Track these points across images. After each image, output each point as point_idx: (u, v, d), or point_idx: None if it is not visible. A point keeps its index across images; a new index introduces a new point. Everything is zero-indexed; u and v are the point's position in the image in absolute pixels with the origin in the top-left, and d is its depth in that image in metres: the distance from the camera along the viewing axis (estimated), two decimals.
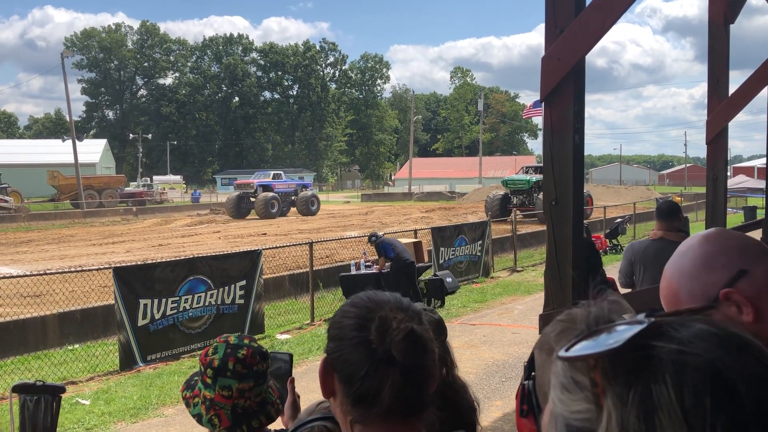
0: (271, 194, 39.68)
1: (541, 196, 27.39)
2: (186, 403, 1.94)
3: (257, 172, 47.16)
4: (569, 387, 0.62)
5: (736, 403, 0.55)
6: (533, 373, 0.98)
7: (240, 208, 39.69)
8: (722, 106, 6.11)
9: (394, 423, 1.13)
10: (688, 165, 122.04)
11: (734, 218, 25.83)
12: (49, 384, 1.72)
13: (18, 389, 1.69)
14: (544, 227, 3.63)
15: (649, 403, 0.56)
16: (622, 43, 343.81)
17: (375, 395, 1.10)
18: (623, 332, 0.60)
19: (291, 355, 2.20)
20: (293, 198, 41.82)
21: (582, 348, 0.61)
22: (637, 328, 0.59)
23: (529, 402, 1.00)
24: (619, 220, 22.05)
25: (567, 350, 0.62)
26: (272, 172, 45.22)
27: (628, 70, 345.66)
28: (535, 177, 32.28)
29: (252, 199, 39.80)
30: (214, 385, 1.84)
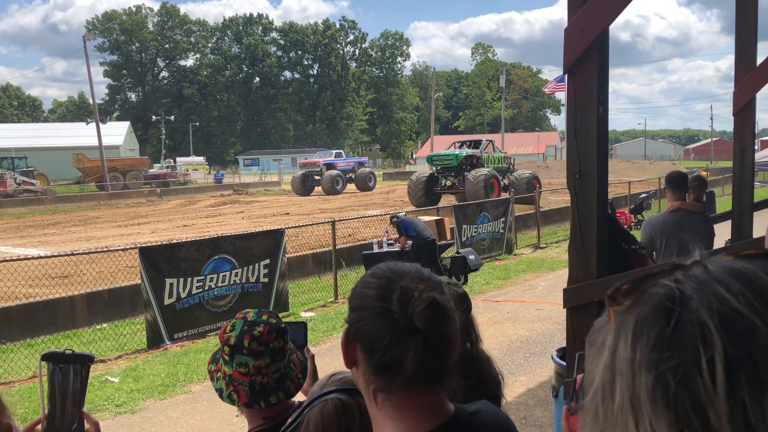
0: (335, 172, 41.89)
1: (473, 173, 24.98)
2: (210, 377, 1.97)
3: (318, 152, 50.80)
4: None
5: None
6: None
7: (305, 186, 42.06)
8: (750, 76, 5.98)
9: (416, 391, 1.13)
10: (714, 139, 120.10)
11: (762, 192, 25.41)
12: (78, 353, 1.74)
13: (47, 357, 1.71)
14: (568, 203, 3.60)
15: (617, 336, 0.59)
16: (646, 16, 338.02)
17: (398, 364, 1.11)
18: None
19: (305, 324, 2.21)
20: (351, 175, 43.94)
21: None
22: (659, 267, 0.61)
23: (577, 399, 0.99)
24: (643, 195, 21.79)
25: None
26: (333, 152, 48.12)
27: (652, 44, 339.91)
28: (467, 151, 27.91)
29: (317, 177, 42.22)
30: (232, 361, 1.85)
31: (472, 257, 13.34)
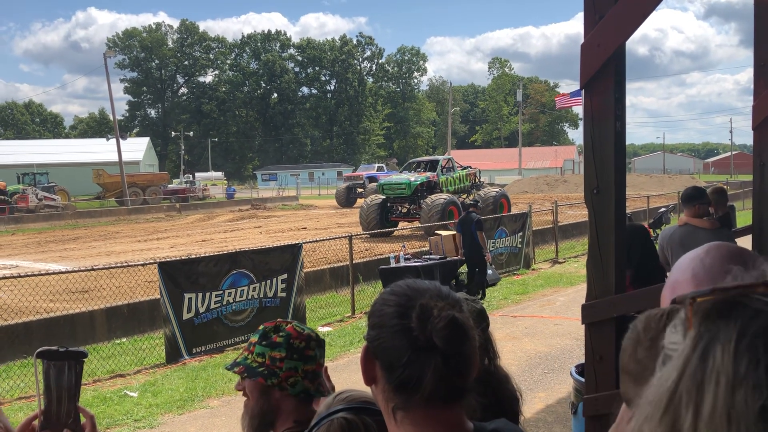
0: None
1: (430, 200, 21.95)
2: (239, 360, 1.99)
3: (362, 166, 54.88)
4: (676, 325, 0.68)
5: None
6: None
7: (348, 198, 43.89)
8: None
9: (435, 409, 1.14)
10: (734, 152, 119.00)
11: None
12: (72, 349, 1.77)
13: (42, 355, 1.74)
14: (586, 218, 3.59)
15: (710, 342, 0.60)
16: (664, 30, 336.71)
17: (417, 382, 1.11)
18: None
19: None
20: None
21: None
22: (745, 279, 0.64)
23: None
24: (662, 209, 21.63)
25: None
26: (375, 165, 51.38)
27: (670, 57, 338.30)
28: (421, 177, 24.38)
29: (360, 190, 44.00)
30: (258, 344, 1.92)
31: (489, 272, 13.29)
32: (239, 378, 1.96)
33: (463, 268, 13.08)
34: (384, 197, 24.20)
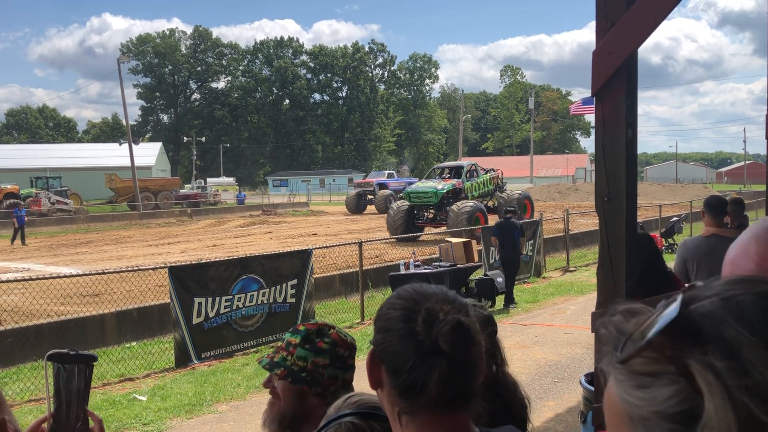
0: (388, 192, 43.17)
1: (457, 206, 22.69)
2: (271, 358, 1.94)
3: (372, 173, 54.36)
4: (646, 382, 0.62)
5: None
6: None
7: (359, 205, 44.06)
8: None
9: (440, 414, 1.13)
10: (747, 162, 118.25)
11: None
12: (82, 353, 1.77)
13: (52, 358, 1.75)
14: (597, 226, 3.58)
15: (726, 347, 0.58)
16: (677, 38, 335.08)
17: (422, 386, 1.11)
18: (667, 309, 0.62)
19: None
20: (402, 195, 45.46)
21: (636, 342, 0.63)
22: (678, 297, 0.63)
23: None
24: (675, 218, 21.53)
25: (623, 353, 0.64)
26: (386, 172, 51.44)
27: (683, 66, 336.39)
28: (447, 185, 24.91)
29: (369, 197, 44.45)
30: (301, 347, 1.87)
31: (500, 280, 13.25)
32: (269, 374, 1.91)
33: (473, 275, 13.05)
34: (409, 204, 24.82)
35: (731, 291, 0.62)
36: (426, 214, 24.96)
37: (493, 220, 20.25)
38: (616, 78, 3.21)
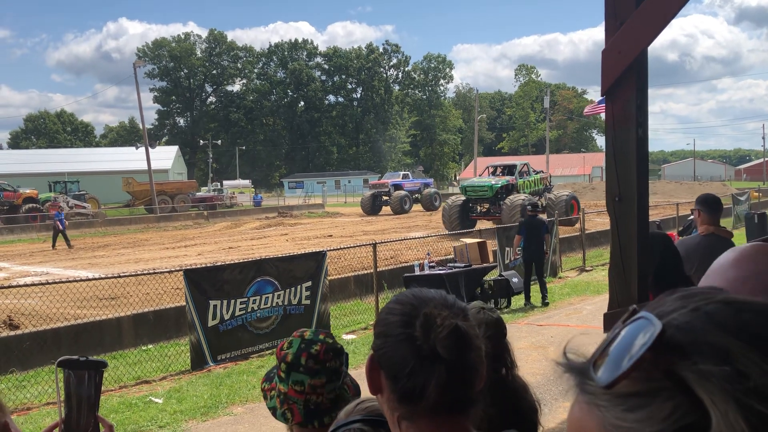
0: (403, 192, 43.70)
1: (510, 200, 24.33)
2: (264, 396, 1.96)
3: (387, 174, 53.89)
4: (640, 403, 0.58)
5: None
6: None
7: (374, 206, 44.19)
8: None
9: (440, 419, 1.13)
10: (766, 159, 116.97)
11: None
12: (92, 359, 1.79)
13: (63, 364, 1.77)
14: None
15: (716, 355, 0.57)
16: (694, 35, 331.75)
17: (421, 391, 1.10)
18: (637, 325, 0.62)
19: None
20: (417, 195, 45.93)
21: (619, 361, 0.60)
22: (644, 313, 0.63)
23: None
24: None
25: (609, 374, 0.60)
26: (401, 173, 50.93)
27: (701, 63, 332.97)
28: (502, 180, 26.64)
29: (385, 198, 44.51)
30: (288, 379, 1.84)
31: (515, 280, 13.20)
32: None
33: (489, 276, 13.00)
34: (465, 198, 26.48)
35: (693, 303, 0.61)
36: (480, 207, 26.44)
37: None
38: (626, 77, 3.19)
